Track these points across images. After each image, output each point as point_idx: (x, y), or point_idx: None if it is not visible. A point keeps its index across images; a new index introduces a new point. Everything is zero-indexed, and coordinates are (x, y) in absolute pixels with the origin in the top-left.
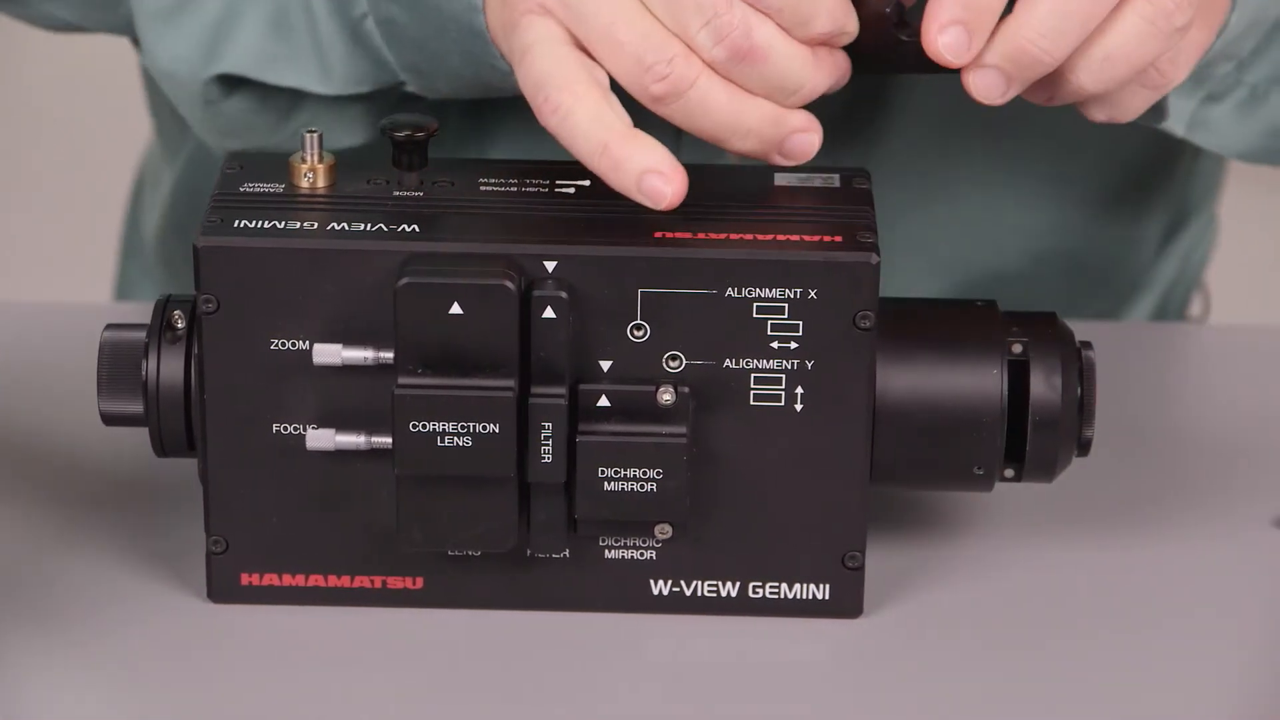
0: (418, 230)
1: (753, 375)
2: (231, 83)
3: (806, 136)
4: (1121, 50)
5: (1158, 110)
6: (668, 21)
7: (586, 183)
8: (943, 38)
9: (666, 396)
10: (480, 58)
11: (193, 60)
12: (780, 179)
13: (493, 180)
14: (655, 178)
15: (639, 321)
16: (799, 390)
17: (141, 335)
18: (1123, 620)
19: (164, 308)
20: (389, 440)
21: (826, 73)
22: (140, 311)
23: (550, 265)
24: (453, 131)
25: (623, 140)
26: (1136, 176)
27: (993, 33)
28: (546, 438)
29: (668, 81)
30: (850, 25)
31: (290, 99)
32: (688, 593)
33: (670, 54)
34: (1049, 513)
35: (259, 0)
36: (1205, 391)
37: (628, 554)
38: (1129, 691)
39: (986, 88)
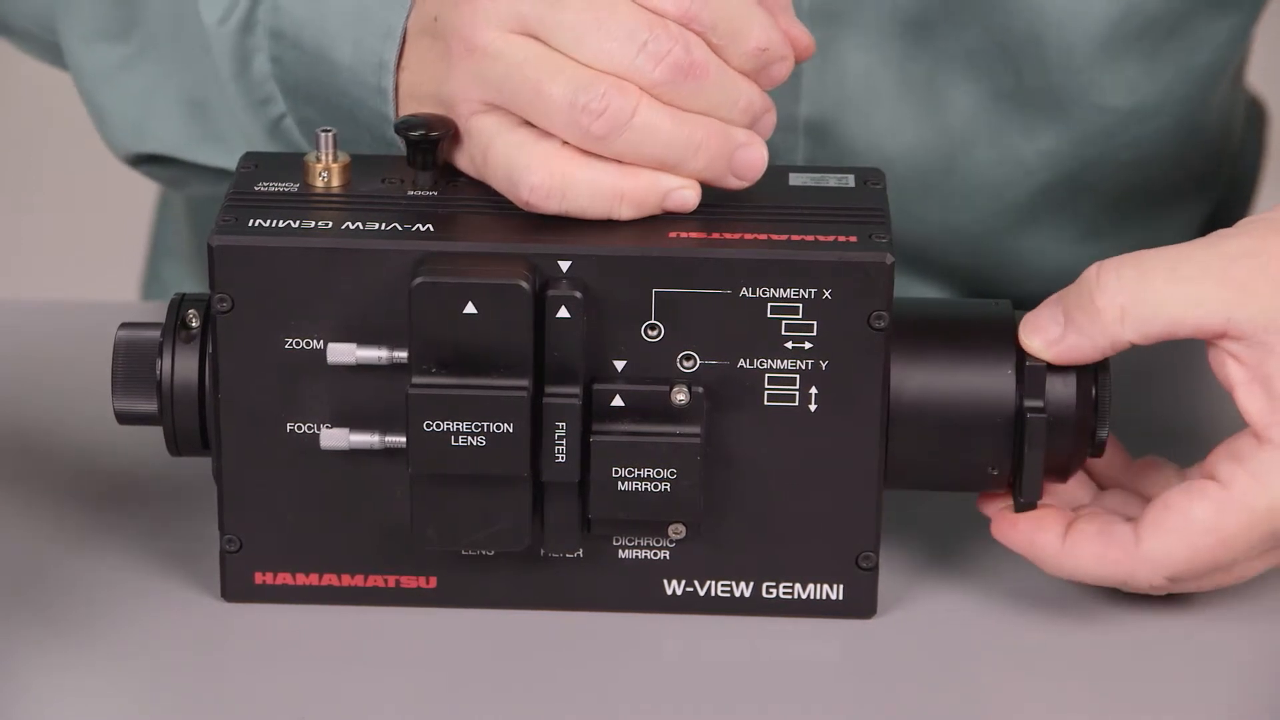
0: (432, 230)
1: (767, 375)
2: (159, 157)
3: (753, 150)
4: None
5: None
6: (598, 61)
7: None
8: None
9: (681, 396)
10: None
11: (125, 130)
12: (795, 179)
13: None
14: (677, 194)
15: (653, 321)
16: (813, 390)
17: (156, 334)
18: (1136, 621)
19: (179, 307)
20: (403, 440)
21: (760, 91)
22: (157, 311)
23: (565, 265)
24: None
25: (631, 177)
26: (1172, 197)
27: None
28: (560, 437)
29: (607, 115)
30: (782, 49)
31: (219, 171)
32: (701, 593)
33: (601, 89)
34: None
35: (175, 82)
36: (1224, 393)
37: (641, 554)
38: (1143, 692)
39: None
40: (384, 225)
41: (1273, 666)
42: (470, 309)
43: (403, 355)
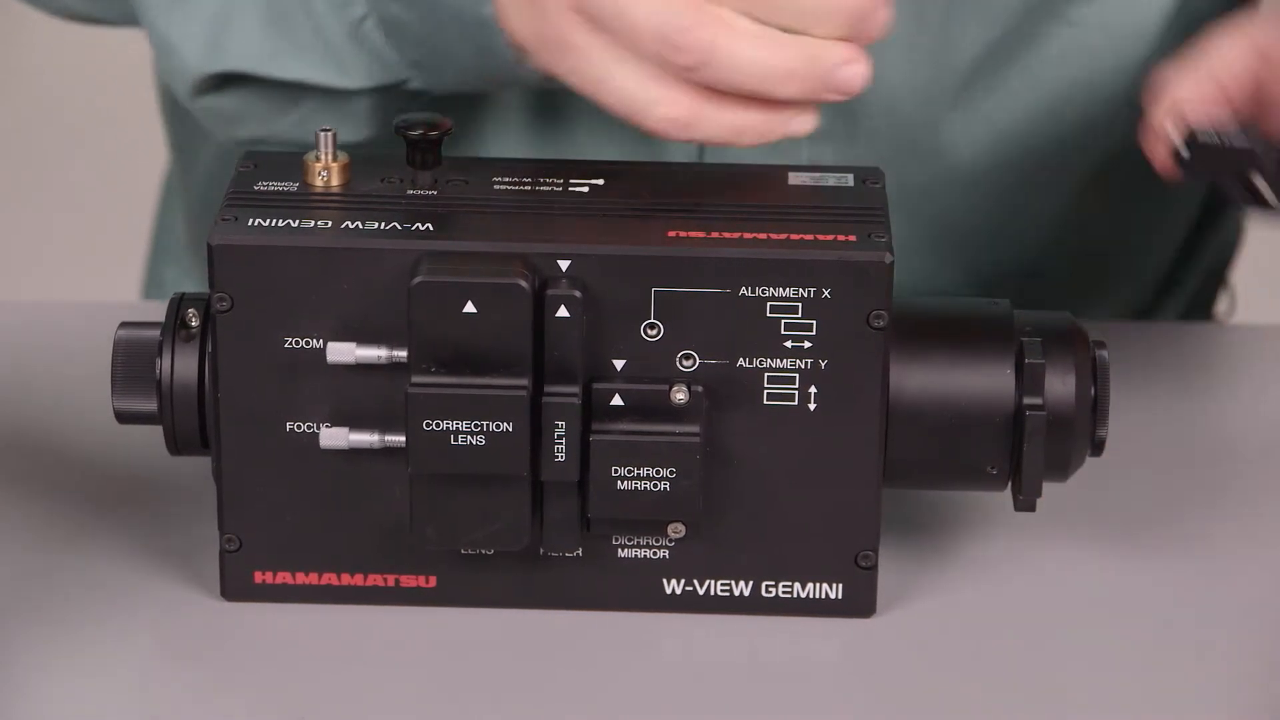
0: (432, 229)
1: (766, 374)
2: (232, 77)
3: (853, 68)
4: None
5: None
6: None
7: (600, 181)
8: None
9: (680, 395)
10: (489, 48)
11: (195, 53)
12: (794, 178)
13: (507, 179)
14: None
15: (653, 320)
16: (812, 389)
17: (155, 333)
18: (1136, 622)
19: (178, 306)
20: (402, 439)
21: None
22: (157, 310)
23: (564, 264)
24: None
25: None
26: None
27: None
28: (560, 436)
29: (691, 51)
30: None
31: (290, 93)
32: (700, 592)
33: (686, 21)
34: (1063, 513)
35: None
36: (1226, 392)
37: (641, 553)
38: (1141, 694)
39: None
40: (383, 224)
41: (1273, 667)
42: (470, 308)
43: (402, 354)
